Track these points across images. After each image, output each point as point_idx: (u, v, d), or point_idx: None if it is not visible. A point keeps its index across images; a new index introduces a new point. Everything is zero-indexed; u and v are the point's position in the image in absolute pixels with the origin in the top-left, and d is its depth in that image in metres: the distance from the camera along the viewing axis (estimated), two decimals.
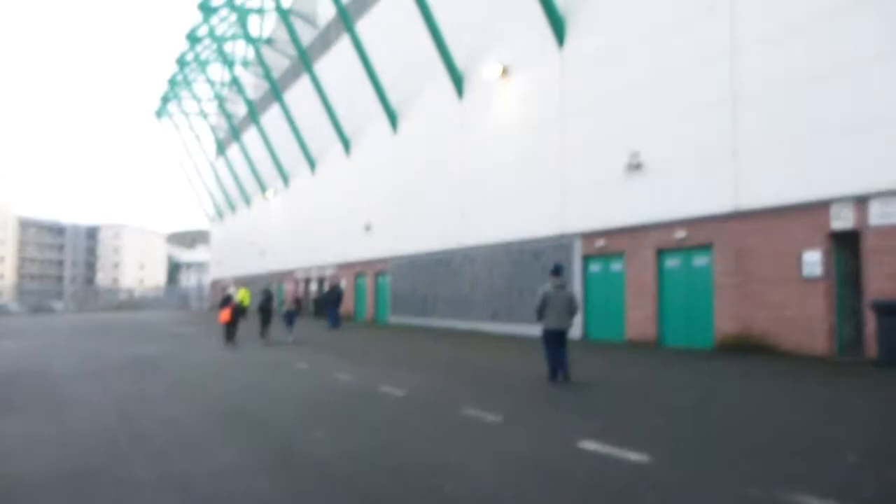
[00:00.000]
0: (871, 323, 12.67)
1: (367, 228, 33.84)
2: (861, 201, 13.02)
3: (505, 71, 23.51)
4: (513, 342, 19.56)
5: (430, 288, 28.32)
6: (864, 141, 12.97)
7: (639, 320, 18.05)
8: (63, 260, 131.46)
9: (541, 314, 11.28)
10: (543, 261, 21.04)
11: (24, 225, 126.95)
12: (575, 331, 19.54)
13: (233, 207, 61.76)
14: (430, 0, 25.99)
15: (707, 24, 16.27)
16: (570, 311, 11.26)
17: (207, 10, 44.98)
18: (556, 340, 11.25)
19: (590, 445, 6.75)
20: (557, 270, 11.37)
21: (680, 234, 16.94)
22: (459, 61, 26.11)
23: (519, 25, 22.79)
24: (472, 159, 25.55)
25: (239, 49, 53.37)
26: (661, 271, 17.70)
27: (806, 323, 13.91)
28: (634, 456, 6.28)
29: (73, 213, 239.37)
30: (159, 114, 68.00)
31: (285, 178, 47.15)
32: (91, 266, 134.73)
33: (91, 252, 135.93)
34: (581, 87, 20.23)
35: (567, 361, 11.31)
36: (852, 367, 12.32)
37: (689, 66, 16.70)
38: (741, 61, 15.42)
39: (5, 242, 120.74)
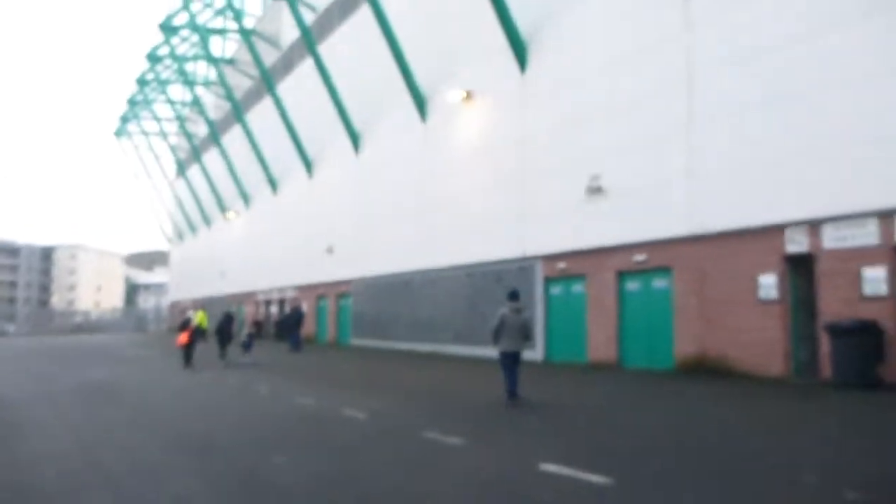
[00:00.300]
0: (825, 345, 12.96)
1: (330, 250, 33.69)
2: (815, 225, 13.37)
3: (468, 95, 23.72)
4: (474, 364, 19.57)
5: (392, 310, 28.23)
6: (817, 166, 13.34)
7: (600, 342, 18.21)
8: (17, 281, 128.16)
9: (497, 337, 11.51)
10: (505, 283, 21.15)
11: None
12: (537, 353, 19.64)
13: (193, 229, 61.02)
14: (393, 23, 26.18)
15: (664, 51, 16.64)
16: (524, 334, 11.56)
17: (169, 30, 44.72)
18: (511, 362, 11.44)
19: (551, 468, 6.77)
20: (514, 295, 11.72)
21: (639, 256, 17.19)
22: (423, 84, 26.30)
23: (482, 50, 23.06)
24: (435, 182, 25.67)
25: (200, 69, 53.07)
26: (621, 294, 17.91)
27: (763, 345, 14.17)
28: (596, 478, 6.32)
29: (27, 233, 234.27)
30: (119, 133, 67.12)
31: (246, 200, 46.79)
32: (46, 288, 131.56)
33: (46, 273, 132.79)
34: (542, 112, 20.50)
35: (517, 381, 11.48)
36: (808, 388, 12.57)
37: (646, 92, 17.04)
38: (696, 88, 15.79)
39: None
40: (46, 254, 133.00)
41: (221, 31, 45.30)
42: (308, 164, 36.47)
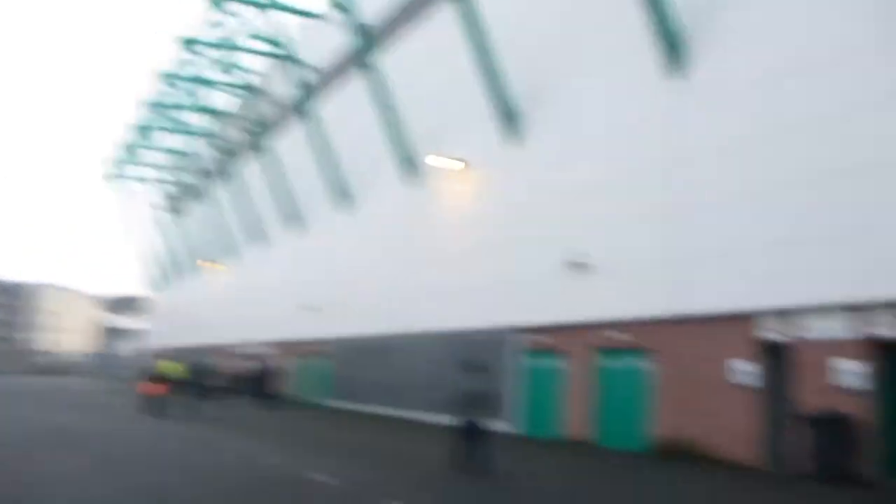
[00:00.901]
0: (800, 435, 12.94)
1: (311, 309, 33.53)
2: (787, 315, 13.53)
3: (457, 162, 24.03)
4: (445, 432, 19.33)
5: (369, 373, 27.98)
6: (791, 256, 13.59)
7: (575, 419, 18.08)
8: None
9: (455, 406, 11.55)
10: (481, 353, 21.07)
11: None
12: (510, 426, 19.45)
13: (175, 278, 60.65)
14: (391, 89, 26.75)
15: (650, 135, 17.06)
16: (483, 404, 11.58)
17: (170, 78, 45.35)
18: (468, 431, 11.36)
19: None
20: (471, 365, 11.94)
21: (616, 335, 17.26)
22: (414, 150, 26.68)
23: (475, 119, 23.36)
24: (420, 247, 25.83)
25: (196, 120, 53.57)
26: (597, 371, 17.88)
27: (737, 432, 14.13)
28: None
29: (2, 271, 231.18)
30: (108, 177, 67.25)
31: (233, 252, 46.72)
32: (10, 325, 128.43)
33: (12, 311, 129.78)
34: (528, 185, 20.79)
35: (490, 454, 11.34)
36: (779, 479, 12.51)
37: (630, 174, 17.40)
38: (679, 173, 16.15)
39: None
40: (13, 290, 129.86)
41: (218, 84, 45.92)
42: (298, 222, 36.62)
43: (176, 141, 55.64)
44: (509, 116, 21.41)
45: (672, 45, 16.41)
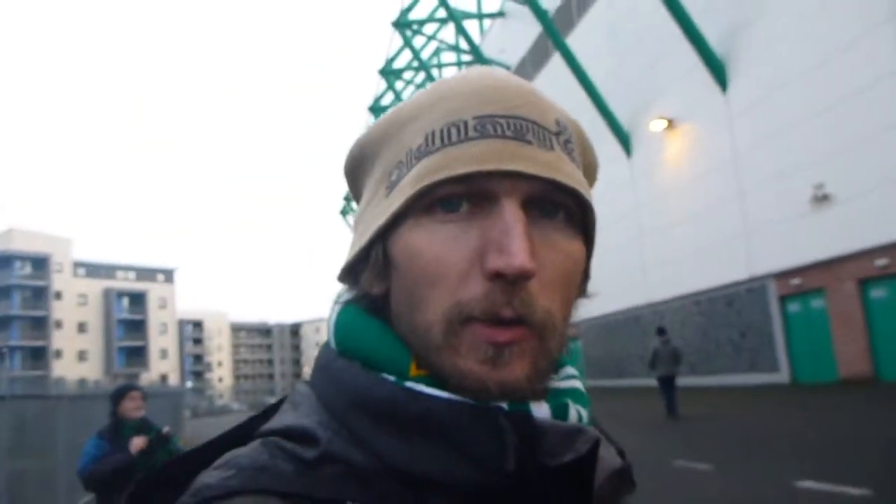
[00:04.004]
0: None
1: None
2: None
3: (671, 123, 23.39)
4: (719, 394, 18.87)
5: (622, 348, 27.78)
6: None
7: (850, 357, 16.84)
8: (272, 358, 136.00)
9: (653, 365, 14.51)
10: (737, 307, 20.86)
11: (235, 329, 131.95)
12: (782, 375, 19.21)
13: None
14: (587, 65, 25.96)
15: (873, 43, 15.87)
16: (676, 361, 14.46)
17: (377, 110, 46.33)
18: (667, 384, 14.27)
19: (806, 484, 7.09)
20: (661, 331, 14.79)
21: (881, 261, 15.79)
22: (623, 119, 25.96)
23: (680, 76, 22.68)
24: (647, 214, 25.16)
25: None
26: (866, 302, 16.58)
27: None
28: (855, 491, 6.49)
29: (277, 314, 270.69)
30: (344, 213, 67.53)
31: None
32: (297, 362, 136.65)
33: (296, 349, 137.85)
34: (752, 127, 19.80)
35: (675, 400, 14.07)
36: None
37: (866, 86, 16.09)
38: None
39: (222, 348, 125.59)
40: (294, 330, 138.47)
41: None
42: None
43: None
44: (715, 66, 20.78)
45: None
